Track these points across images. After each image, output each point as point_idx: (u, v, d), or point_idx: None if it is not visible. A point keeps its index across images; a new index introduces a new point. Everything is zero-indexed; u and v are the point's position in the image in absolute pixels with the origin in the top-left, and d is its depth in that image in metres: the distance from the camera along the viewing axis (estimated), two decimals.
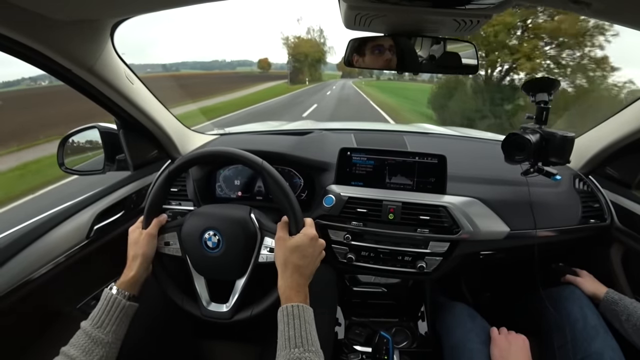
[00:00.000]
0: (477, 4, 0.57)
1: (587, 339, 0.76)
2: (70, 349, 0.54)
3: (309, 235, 0.63)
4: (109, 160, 1.00)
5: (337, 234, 0.96)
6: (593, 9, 0.58)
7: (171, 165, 0.71)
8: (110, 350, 0.57)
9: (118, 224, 0.95)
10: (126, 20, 0.73)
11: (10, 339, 0.70)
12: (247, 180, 1.07)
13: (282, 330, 0.54)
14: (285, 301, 0.57)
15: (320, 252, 0.65)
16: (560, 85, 0.87)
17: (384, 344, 0.88)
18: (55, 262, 0.77)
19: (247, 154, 0.67)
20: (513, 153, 0.86)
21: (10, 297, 0.67)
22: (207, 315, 0.68)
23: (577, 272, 0.97)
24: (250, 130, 1.49)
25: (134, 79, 0.86)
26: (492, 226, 0.92)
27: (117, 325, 0.59)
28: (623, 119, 0.95)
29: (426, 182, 0.96)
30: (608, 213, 1.00)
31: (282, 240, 0.62)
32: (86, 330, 0.57)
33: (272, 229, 0.67)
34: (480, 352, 0.80)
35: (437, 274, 0.96)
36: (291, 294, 0.58)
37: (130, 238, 0.69)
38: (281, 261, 0.61)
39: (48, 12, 0.56)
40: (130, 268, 0.65)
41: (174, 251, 0.71)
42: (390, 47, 0.80)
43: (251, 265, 0.67)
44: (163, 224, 0.71)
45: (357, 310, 1.22)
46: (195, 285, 0.70)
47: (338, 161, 0.99)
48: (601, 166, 1.05)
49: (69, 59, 0.67)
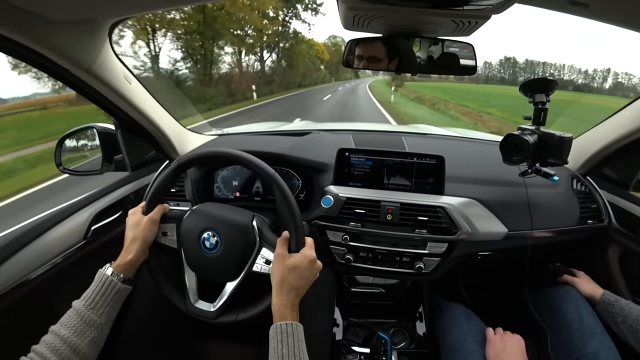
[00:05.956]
0: (476, 5, 0.57)
1: (583, 339, 0.76)
2: (61, 329, 0.54)
3: (309, 258, 0.62)
4: (106, 160, 1.00)
5: (335, 234, 0.96)
6: (591, 10, 0.58)
7: (181, 158, 0.71)
8: (101, 332, 0.57)
9: (116, 225, 0.95)
10: (124, 20, 0.73)
11: (6, 340, 0.69)
12: (245, 181, 1.07)
13: (275, 348, 0.54)
14: (280, 319, 0.57)
15: (316, 274, 0.65)
16: (557, 86, 0.87)
17: (382, 344, 0.88)
18: (53, 263, 0.77)
19: (259, 162, 0.67)
20: (511, 154, 0.86)
21: (7, 297, 0.67)
22: (192, 312, 0.68)
23: (574, 272, 0.97)
24: (249, 130, 1.49)
25: (131, 79, 0.86)
26: (490, 227, 0.92)
27: (111, 307, 0.59)
28: (620, 120, 0.95)
29: (424, 183, 0.96)
30: (605, 214, 1.00)
31: (282, 258, 0.62)
32: (79, 310, 0.56)
33: (271, 241, 0.67)
34: (475, 352, 0.80)
35: (435, 275, 0.96)
36: (285, 312, 0.58)
37: (130, 221, 0.69)
38: (278, 279, 0.60)
39: (46, 12, 0.56)
40: (128, 250, 0.65)
41: (170, 242, 0.71)
42: (388, 48, 0.81)
43: (244, 271, 0.67)
44: (165, 213, 0.71)
45: (355, 311, 1.22)
46: (185, 280, 0.70)
47: (336, 162, 0.99)
48: (599, 167, 1.06)
49: (66, 59, 0.66)
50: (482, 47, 9.41)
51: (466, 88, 27.44)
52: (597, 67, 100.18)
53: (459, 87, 30.16)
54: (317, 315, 0.90)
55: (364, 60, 0.82)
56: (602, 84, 79.53)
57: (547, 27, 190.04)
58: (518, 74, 79.80)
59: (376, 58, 0.82)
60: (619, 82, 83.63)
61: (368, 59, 0.82)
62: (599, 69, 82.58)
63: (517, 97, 1.25)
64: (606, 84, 78.54)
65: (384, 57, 0.81)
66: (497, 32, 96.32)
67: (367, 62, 0.82)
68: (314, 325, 0.71)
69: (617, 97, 46.83)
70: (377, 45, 0.80)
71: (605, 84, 77.08)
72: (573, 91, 63.78)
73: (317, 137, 1.21)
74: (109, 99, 0.83)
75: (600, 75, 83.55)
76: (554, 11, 0.66)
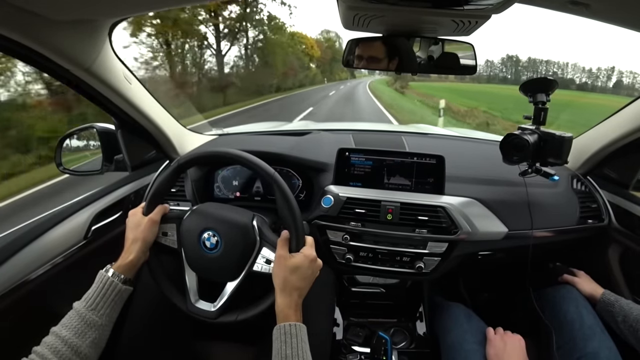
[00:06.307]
0: (476, 5, 0.57)
1: (584, 339, 0.76)
2: (62, 330, 0.54)
3: (309, 257, 0.62)
4: (107, 160, 1.00)
5: (336, 234, 0.96)
6: (592, 10, 0.58)
7: (181, 159, 0.71)
8: (102, 333, 0.57)
9: (116, 225, 0.95)
10: (124, 20, 0.73)
11: (7, 340, 0.69)
12: (246, 181, 1.07)
13: (279, 349, 0.54)
14: (283, 320, 0.57)
15: (317, 273, 0.65)
16: (558, 85, 0.87)
17: (382, 344, 0.88)
18: (53, 263, 0.77)
19: (259, 162, 0.67)
20: (511, 153, 0.86)
21: (7, 298, 0.67)
22: (192, 312, 0.69)
23: (574, 272, 0.97)
24: (249, 130, 1.49)
25: (132, 79, 0.86)
26: (490, 227, 0.92)
27: (112, 308, 0.59)
28: (621, 120, 0.95)
29: (424, 182, 0.96)
30: (606, 213, 1.00)
31: (283, 259, 0.62)
32: (80, 311, 0.56)
33: (272, 241, 0.67)
34: (476, 352, 0.80)
35: (436, 275, 0.96)
36: (289, 313, 0.58)
37: (130, 221, 0.69)
38: (280, 280, 0.60)
39: (46, 12, 0.56)
40: (129, 251, 0.65)
41: (170, 242, 0.71)
42: (388, 47, 0.81)
43: (245, 271, 0.67)
44: (165, 213, 0.71)
45: (355, 311, 1.22)
46: (185, 280, 0.70)
47: (336, 162, 0.99)
48: (599, 167, 1.06)
49: (66, 59, 0.66)
50: (484, 46, 8.55)
51: (479, 89, 24.32)
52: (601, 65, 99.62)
53: (471, 87, 27.53)
54: (317, 315, 0.90)
55: (364, 60, 0.82)
56: (606, 82, 79.16)
57: (550, 25, 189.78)
58: (521, 73, 79.32)
59: (376, 58, 0.82)
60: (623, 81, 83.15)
61: (368, 58, 0.82)
62: (603, 68, 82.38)
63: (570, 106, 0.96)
64: (610, 82, 78.24)
65: (384, 57, 0.81)
66: (499, 30, 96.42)
67: (367, 62, 0.82)
68: (315, 325, 0.71)
69: (622, 96, 45.67)
70: (377, 45, 0.80)
71: (610, 83, 76.78)
72: (576, 90, 62.26)
73: (317, 136, 1.21)
74: (109, 98, 0.83)
75: (605, 74, 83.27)
76: (554, 11, 0.66)
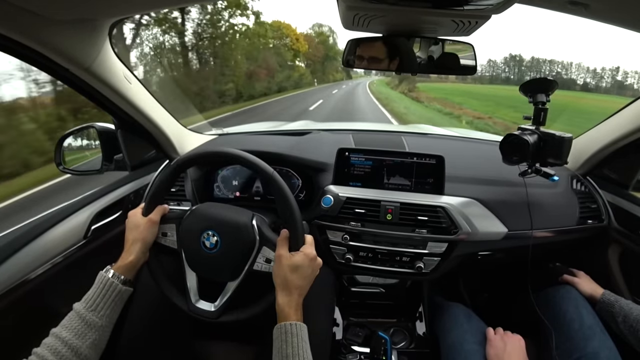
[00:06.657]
0: (476, 5, 0.57)
1: (584, 339, 0.76)
2: (62, 331, 0.54)
3: (309, 256, 0.62)
4: (106, 160, 1.00)
5: (335, 234, 0.96)
6: (591, 10, 0.58)
7: (180, 158, 0.71)
8: (103, 334, 0.57)
9: (116, 224, 0.95)
10: (124, 19, 0.73)
11: (6, 340, 0.69)
12: (245, 180, 1.07)
13: (279, 348, 0.54)
14: (284, 319, 0.57)
15: (317, 271, 0.65)
16: (557, 86, 0.87)
17: (382, 344, 0.88)
18: (53, 263, 0.77)
19: (259, 161, 0.67)
20: (511, 154, 0.86)
21: (6, 297, 0.67)
22: (193, 312, 0.68)
23: (574, 272, 0.97)
24: (249, 130, 1.49)
25: (131, 78, 0.86)
26: (490, 227, 0.92)
27: (112, 309, 0.59)
28: (620, 120, 0.95)
29: (424, 182, 0.96)
30: (605, 214, 1.00)
31: (283, 258, 0.62)
32: (80, 312, 0.56)
33: (272, 240, 0.67)
34: (476, 352, 0.80)
35: (435, 275, 0.96)
36: (290, 312, 0.58)
37: (129, 222, 0.69)
38: (281, 279, 0.60)
39: (46, 11, 0.56)
40: (129, 252, 0.65)
41: (170, 243, 0.71)
42: (389, 47, 0.81)
43: (245, 270, 0.67)
44: (165, 213, 0.71)
45: (355, 311, 1.23)
46: (186, 280, 0.70)
47: (336, 161, 0.99)
48: (599, 167, 1.06)
49: (66, 59, 0.66)
50: (486, 45, 8.41)
51: (489, 91, 22.28)
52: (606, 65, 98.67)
53: (480, 89, 25.50)
54: (317, 315, 0.89)
55: (365, 60, 0.82)
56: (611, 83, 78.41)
57: (554, 24, 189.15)
58: (525, 73, 78.35)
59: (376, 58, 0.82)
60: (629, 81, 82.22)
61: (368, 59, 0.82)
62: (607, 68, 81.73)
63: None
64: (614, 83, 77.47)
65: (384, 57, 0.81)
66: (501, 29, 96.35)
67: (367, 62, 0.82)
68: (314, 324, 0.71)
69: (626, 97, 44.77)
70: (377, 45, 0.80)
71: (614, 83, 76.08)
72: (580, 91, 61.10)
73: (317, 136, 1.21)
74: (109, 98, 0.83)
75: (609, 74, 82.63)
76: (554, 11, 0.66)
